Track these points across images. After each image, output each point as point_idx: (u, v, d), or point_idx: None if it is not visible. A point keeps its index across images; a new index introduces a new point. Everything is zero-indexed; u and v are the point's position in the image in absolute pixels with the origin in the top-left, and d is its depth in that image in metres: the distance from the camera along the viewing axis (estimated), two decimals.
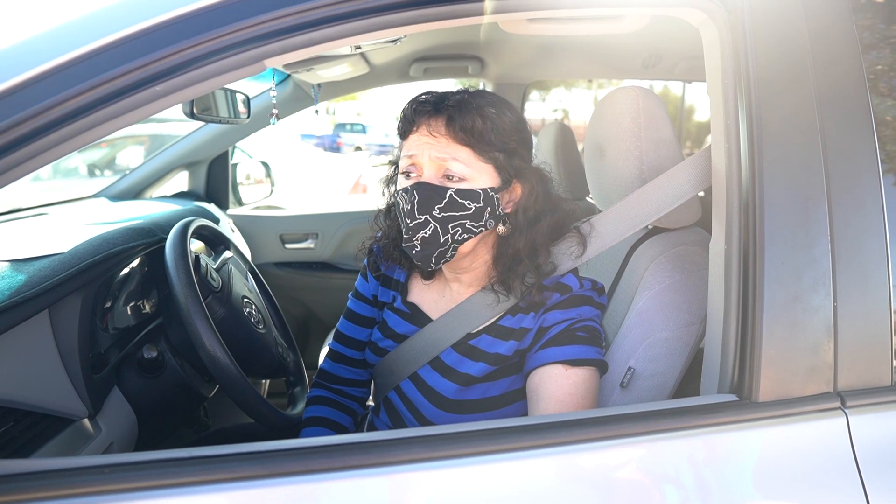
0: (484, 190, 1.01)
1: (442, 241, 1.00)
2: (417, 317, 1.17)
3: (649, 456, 0.81)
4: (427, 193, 0.99)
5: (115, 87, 0.75)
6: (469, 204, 1.00)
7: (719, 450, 0.82)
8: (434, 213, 0.99)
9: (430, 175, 1.01)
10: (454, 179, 1.00)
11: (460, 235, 1.01)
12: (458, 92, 1.05)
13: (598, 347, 1.03)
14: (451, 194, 0.99)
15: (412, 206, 1.00)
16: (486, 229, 1.04)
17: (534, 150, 1.12)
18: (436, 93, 1.06)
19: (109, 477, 0.70)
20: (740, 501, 0.79)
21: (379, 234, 1.22)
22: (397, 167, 1.09)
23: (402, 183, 1.03)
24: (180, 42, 0.75)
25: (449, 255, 1.03)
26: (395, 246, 1.16)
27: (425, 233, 1.00)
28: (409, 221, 1.00)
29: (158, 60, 0.75)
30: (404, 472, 0.76)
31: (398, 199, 1.03)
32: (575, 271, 1.09)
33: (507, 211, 1.06)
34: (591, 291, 1.07)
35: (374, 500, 0.74)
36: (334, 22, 0.78)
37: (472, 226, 1.01)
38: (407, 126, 1.04)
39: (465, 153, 1.00)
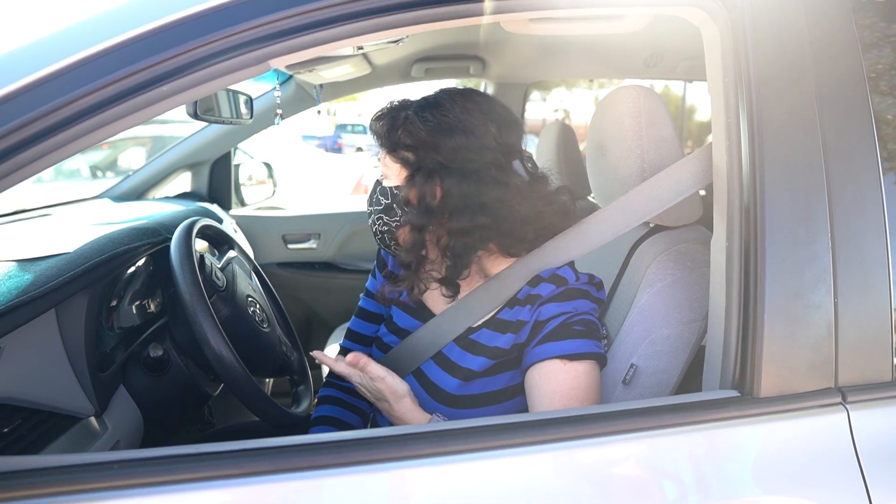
0: (391, 188, 1.08)
1: (373, 230, 1.13)
2: (421, 312, 1.18)
3: (651, 452, 0.81)
4: (372, 188, 1.13)
5: (121, 88, 0.75)
6: (381, 200, 1.09)
7: (721, 445, 0.83)
8: (370, 206, 1.13)
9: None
10: (381, 177, 1.12)
11: (379, 228, 1.11)
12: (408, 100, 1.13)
13: (596, 340, 1.04)
14: (376, 190, 1.12)
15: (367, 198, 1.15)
16: (402, 224, 1.09)
17: (532, 151, 1.13)
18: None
19: (119, 473, 0.70)
20: (742, 497, 0.80)
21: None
22: None
23: None
24: (186, 43, 0.76)
25: (389, 244, 1.13)
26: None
27: (370, 221, 1.13)
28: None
29: (164, 61, 0.76)
30: (406, 468, 0.76)
31: None
32: (571, 264, 1.10)
33: (434, 205, 1.04)
34: (589, 286, 1.08)
35: (376, 496, 0.75)
36: (339, 22, 0.79)
37: (387, 220, 1.09)
38: None
39: (383, 154, 1.10)
